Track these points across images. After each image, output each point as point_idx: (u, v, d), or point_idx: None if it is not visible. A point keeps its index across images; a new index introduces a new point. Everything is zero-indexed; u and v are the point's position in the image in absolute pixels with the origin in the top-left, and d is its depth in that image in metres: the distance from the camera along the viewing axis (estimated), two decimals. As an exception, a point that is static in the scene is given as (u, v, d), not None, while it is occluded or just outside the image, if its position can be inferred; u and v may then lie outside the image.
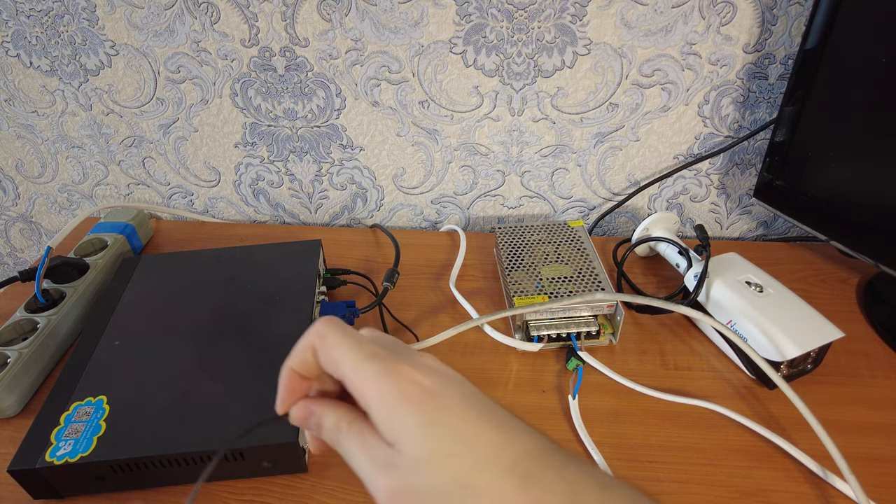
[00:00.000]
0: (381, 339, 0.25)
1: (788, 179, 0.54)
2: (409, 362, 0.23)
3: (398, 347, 0.25)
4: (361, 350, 0.23)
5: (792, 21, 0.54)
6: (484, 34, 0.57)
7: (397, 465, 0.21)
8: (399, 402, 0.22)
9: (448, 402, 0.22)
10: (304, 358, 0.24)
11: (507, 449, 0.21)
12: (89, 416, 0.40)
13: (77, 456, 0.37)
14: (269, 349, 0.44)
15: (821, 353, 0.46)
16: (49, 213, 0.78)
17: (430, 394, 0.22)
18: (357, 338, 0.24)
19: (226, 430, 0.38)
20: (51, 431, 0.39)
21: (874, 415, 0.43)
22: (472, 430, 0.21)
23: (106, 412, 0.40)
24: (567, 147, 0.64)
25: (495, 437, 0.21)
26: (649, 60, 0.57)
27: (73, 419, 0.40)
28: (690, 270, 0.52)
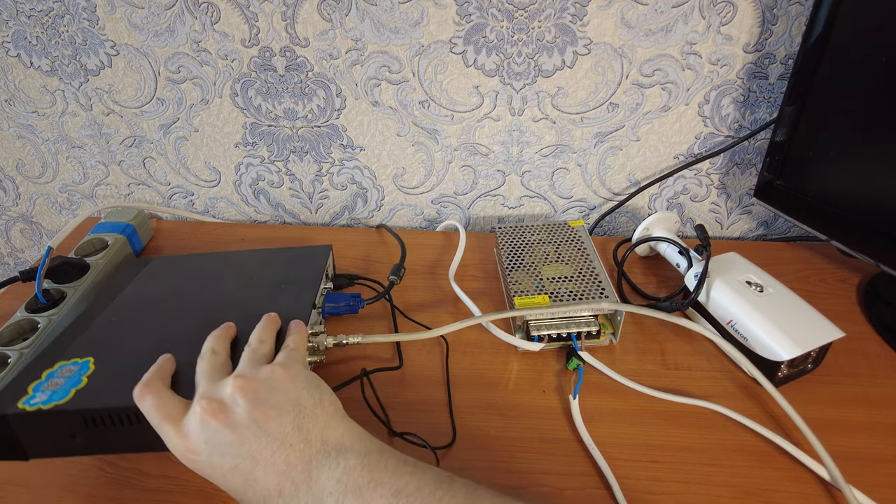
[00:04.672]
0: (211, 367, 0.35)
1: (789, 179, 0.54)
2: (185, 425, 0.32)
3: (200, 386, 0.34)
4: (158, 408, 0.33)
5: (792, 21, 0.54)
6: (484, 34, 0.57)
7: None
8: (180, 458, 0.33)
9: (203, 463, 0.32)
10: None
11: (256, 495, 0.31)
12: (72, 373, 0.38)
13: (51, 404, 0.35)
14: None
15: (821, 353, 0.46)
16: (49, 214, 0.78)
17: (192, 460, 0.32)
18: (160, 393, 0.34)
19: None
20: (29, 384, 0.37)
21: (875, 415, 0.43)
22: (230, 485, 0.32)
23: (90, 370, 0.38)
24: (567, 147, 0.64)
25: (245, 487, 0.32)
26: (649, 60, 0.57)
27: (55, 375, 0.38)
28: (691, 270, 0.52)
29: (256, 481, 0.31)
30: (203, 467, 0.32)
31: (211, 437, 0.31)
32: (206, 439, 0.31)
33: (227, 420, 0.31)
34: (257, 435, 0.31)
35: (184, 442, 0.32)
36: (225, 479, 0.31)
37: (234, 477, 0.31)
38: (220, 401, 0.32)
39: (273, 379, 0.34)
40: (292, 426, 0.32)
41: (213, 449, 0.31)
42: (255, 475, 0.31)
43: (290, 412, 0.32)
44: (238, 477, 0.31)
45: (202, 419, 0.31)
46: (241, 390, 0.32)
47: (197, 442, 0.32)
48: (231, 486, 0.32)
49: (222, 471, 0.31)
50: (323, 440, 0.32)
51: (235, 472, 0.31)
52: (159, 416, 0.33)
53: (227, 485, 0.32)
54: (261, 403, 0.32)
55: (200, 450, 0.31)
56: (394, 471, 0.30)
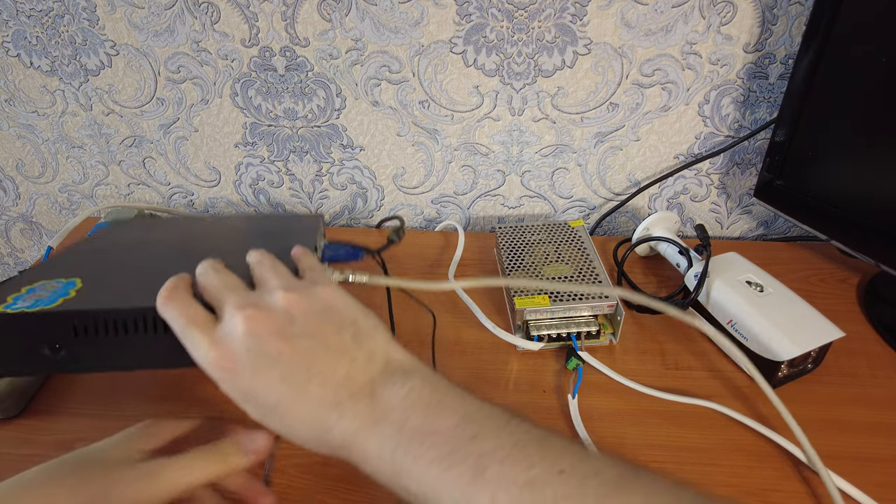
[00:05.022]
0: (227, 282, 0.31)
1: (789, 179, 0.54)
2: (219, 332, 0.28)
3: (229, 297, 0.30)
4: (185, 313, 0.29)
5: (792, 21, 0.54)
6: (484, 34, 0.57)
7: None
8: (221, 384, 0.28)
9: (252, 379, 0.28)
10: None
11: (306, 412, 0.28)
12: (57, 288, 0.34)
13: (36, 308, 0.31)
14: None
15: (821, 353, 0.46)
16: (49, 214, 0.78)
17: (237, 377, 0.28)
18: (187, 300, 0.30)
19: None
20: (9, 294, 0.33)
21: (875, 415, 0.43)
22: (277, 401, 0.28)
23: (78, 286, 0.34)
24: (567, 147, 0.64)
25: (297, 404, 0.28)
26: (649, 60, 0.57)
27: (37, 290, 0.34)
28: (691, 270, 0.52)
29: (308, 394, 0.27)
30: (238, 379, 0.27)
31: (256, 345, 0.27)
32: (250, 348, 0.27)
33: (278, 330, 0.28)
34: (315, 347, 0.28)
35: (218, 350, 0.28)
36: (267, 390, 0.27)
37: (281, 390, 0.27)
38: (269, 310, 0.29)
39: (327, 297, 0.30)
40: (353, 342, 0.29)
41: (258, 359, 0.27)
42: (308, 388, 0.27)
43: (350, 329, 0.29)
44: (287, 390, 0.27)
45: (248, 328, 0.28)
46: (296, 304, 0.29)
47: (236, 351, 0.27)
48: (272, 401, 0.27)
49: (266, 382, 0.27)
50: (386, 360, 0.29)
51: (284, 385, 0.27)
52: (187, 320, 0.29)
53: (268, 398, 0.27)
54: (318, 317, 0.29)
55: (239, 359, 0.27)
56: (461, 398, 0.28)
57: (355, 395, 0.27)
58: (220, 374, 0.28)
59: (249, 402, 0.28)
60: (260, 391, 0.27)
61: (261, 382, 0.27)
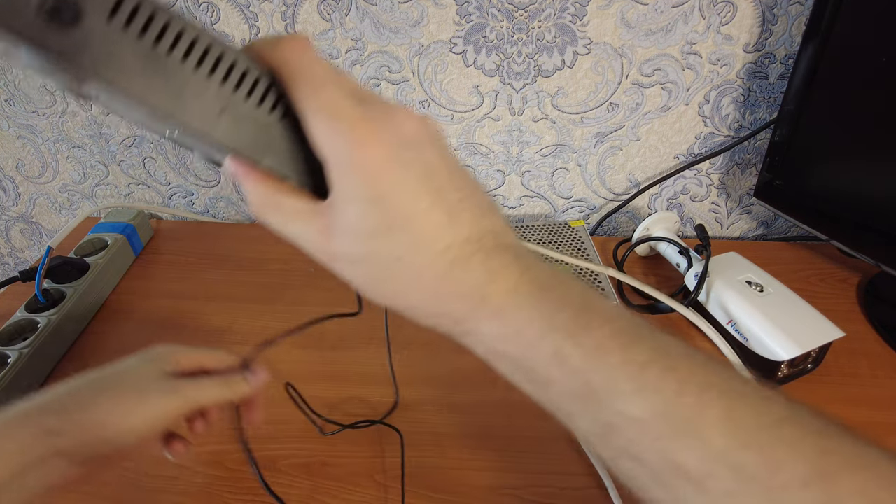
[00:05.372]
0: (352, 84, 0.22)
1: (789, 179, 0.54)
2: (377, 125, 0.21)
3: (371, 100, 0.22)
4: (331, 95, 0.21)
5: (792, 21, 0.54)
6: (484, 34, 0.57)
7: (335, 230, 0.22)
8: (353, 171, 0.21)
9: (402, 177, 0.21)
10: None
11: (444, 235, 0.22)
12: None
13: None
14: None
15: (821, 353, 0.46)
16: (49, 213, 0.78)
17: (383, 166, 0.21)
18: (332, 76, 0.21)
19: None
20: None
21: (875, 414, 0.43)
22: (419, 211, 0.21)
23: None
24: (567, 147, 0.64)
25: (439, 219, 0.22)
26: (649, 60, 0.57)
27: None
28: (691, 270, 0.52)
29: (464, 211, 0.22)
30: (397, 168, 0.21)
31: (424, 139, 0.22)
32: (415, 141, 0.21)
33: (436, 139, 0.22)
34: (465, 174, 0.23)
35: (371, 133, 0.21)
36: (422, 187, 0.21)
37: (439, 205, 0.21)
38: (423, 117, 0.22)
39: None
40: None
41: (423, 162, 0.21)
42: (460, 217, 0.22)
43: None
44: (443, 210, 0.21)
45: (420, 124, 0.22)
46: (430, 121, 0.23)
47: (400, 137, 0.21)
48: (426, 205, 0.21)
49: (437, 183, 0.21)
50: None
51: (460, 201, 0.22)
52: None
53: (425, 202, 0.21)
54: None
55: (394, 148, 0.21)
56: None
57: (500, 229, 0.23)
58: (366, 153, 0.21)
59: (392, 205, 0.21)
60: (409, 189, 0.21)
61: (430, 186, 0.22)
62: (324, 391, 0.46)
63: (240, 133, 0.21)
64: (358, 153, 0.20)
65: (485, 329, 0.23)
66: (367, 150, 0.20)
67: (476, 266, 0.22)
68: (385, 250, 0.21)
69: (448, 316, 0.23)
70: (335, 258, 0.22)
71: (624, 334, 0.21)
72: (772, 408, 0.20)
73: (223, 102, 0.20)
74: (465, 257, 0.22)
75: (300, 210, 0.22)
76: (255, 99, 0.21)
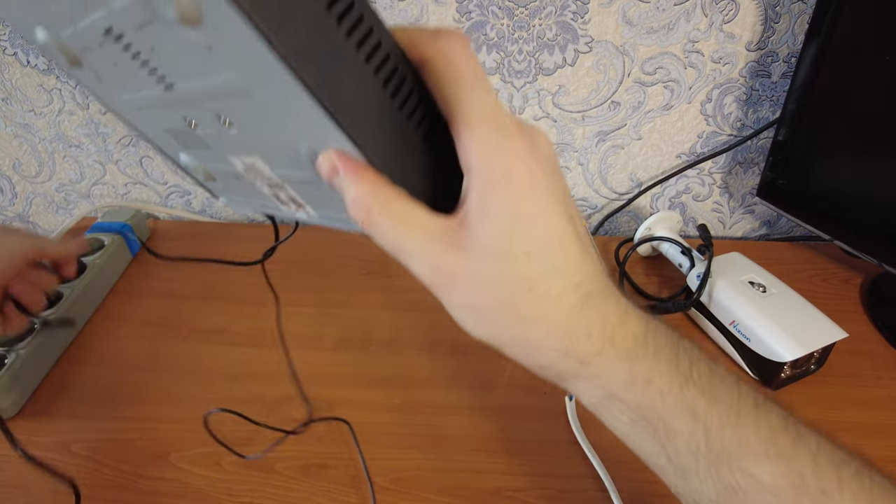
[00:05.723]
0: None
1: (792, 179, 0.53)
2: (527, 140, 0.20)
3: (513, 116, 0.21)
4: (492, 107, 0.19)
5: (795, 19, 0.53)
6: (484, 31, 0.56)
7: (465, 246, 0.19)
8: (502, 183, 0.19)
9: (548, 200, 0.20)
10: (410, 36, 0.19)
11: (580, 267, 0.20)
12: None
13: None
14: None
15: (824, 354, 0.46)
16: (46, 213, 0.78)
17: (535, 186, 0.19)
18: (489, 85, 0.19)
19: None
20: None
21: (878, 416, 0.43)
22: (557, 237, 0.20)
23: None
24: (568, 146, 0.63)
25: (573, 249, 0.20)
26: (651, 58, 0.56)
27: None
28: (693, 270, 0.51)
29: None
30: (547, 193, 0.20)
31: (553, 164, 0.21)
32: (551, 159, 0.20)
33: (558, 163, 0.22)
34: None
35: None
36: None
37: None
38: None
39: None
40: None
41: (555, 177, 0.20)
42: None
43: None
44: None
45: (553, 146, 0.21)
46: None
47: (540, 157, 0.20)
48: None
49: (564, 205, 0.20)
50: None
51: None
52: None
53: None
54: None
55: (541, 171, 0.20)
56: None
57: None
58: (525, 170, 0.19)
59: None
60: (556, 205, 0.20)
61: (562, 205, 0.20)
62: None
63: (366, 123, 0.18)
64: (515, 167, 0.19)
65: (609, 373, 0.21)
66: (523, 165, 0.19)
67: (608, 305, 0.21)
68: (519, 275, 0.20)
69: (572, 355, 0.21)
70: (455, 280, 0.20)
71: (751, 397, 0.21)
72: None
73: (365, 86, 0.17)
74: (599, 293, 0.21)
75: (425, 222, 0.20)
76: (392, 91, 0.18)
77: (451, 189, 0.21)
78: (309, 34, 0.15)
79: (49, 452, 0.43)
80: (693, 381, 0.21)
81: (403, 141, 0.20)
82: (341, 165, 0.19)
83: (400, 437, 0.43)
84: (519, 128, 0.20)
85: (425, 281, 0.21)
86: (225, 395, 0.46)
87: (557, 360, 0.21)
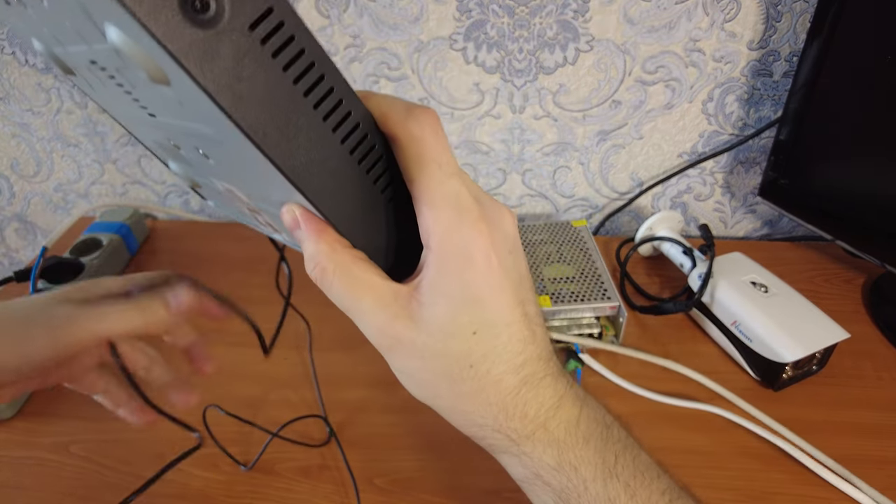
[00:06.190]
0: (465, 174, 0.21)
1: (794, 178, 0.53)
2: (487, 223, 0.20)
3: (482, 197, 0.21)
4: (455, 191, 0.19)
5: (797, 18, 0.53)
6: (485, 30, 0.56)
7: (414, 317, 0.20)
8: (459, 264, 0.20)
9: (501, 283, 0.20)
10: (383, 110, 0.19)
11: (524, 350, 0.21)
12: None
13: None
14: None
15: (826, 355, 0.45)
16: (44, 213, 0.77)
17: (490, 270, 0.20)
18: (456, 164, 0.20)
19: None
20: None
21: (881, 416, 0.43)
22: (505, 320, 0.21)
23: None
24: (569, 145, 0.63)
25: (522, 333, 0.21)
26: (653, 57, 0.56)
27: None
28: (695, 270, 0.51)
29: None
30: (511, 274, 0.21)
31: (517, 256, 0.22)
32: (512, 250, 0.21)
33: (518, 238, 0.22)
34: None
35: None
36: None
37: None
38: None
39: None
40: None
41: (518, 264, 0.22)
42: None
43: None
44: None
45: (516, 223, 0.22)
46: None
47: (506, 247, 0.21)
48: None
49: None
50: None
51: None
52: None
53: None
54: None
55: (504, 259, 0.21)
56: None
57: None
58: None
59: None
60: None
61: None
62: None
63: (330, 190, 0.19)
64: (472, 251, 0.20)
65: (539, 455, 0.22)
66: (480, 250, 0.20)
67: (545, 389, 0.22)
68: (462, 353, 0.20)
69: (504, 433, 0.22)
70: (399, 346, 0.21)
71: (667, 494, 0.23)
72: None
73: (329, 153, 0.18)
74: (539, 377, 0.22)
75: (377, 287, 0.20)
76: (359, 158, 0.19)
77: (410, 255, 0.21)
78: (274, 108, 0.16)
79: (48, 453, 0.43)
80: (616, 474, 0.22)
81: (368, 203, 0.20)
82: (302, 223, 0.20)
83: (399, 438, 0.43)
84: (480, 210, 0.20)
85: (371, 341, 0.21)
86: (225, 396, 0.46)
87: (489, 434, 0.22)
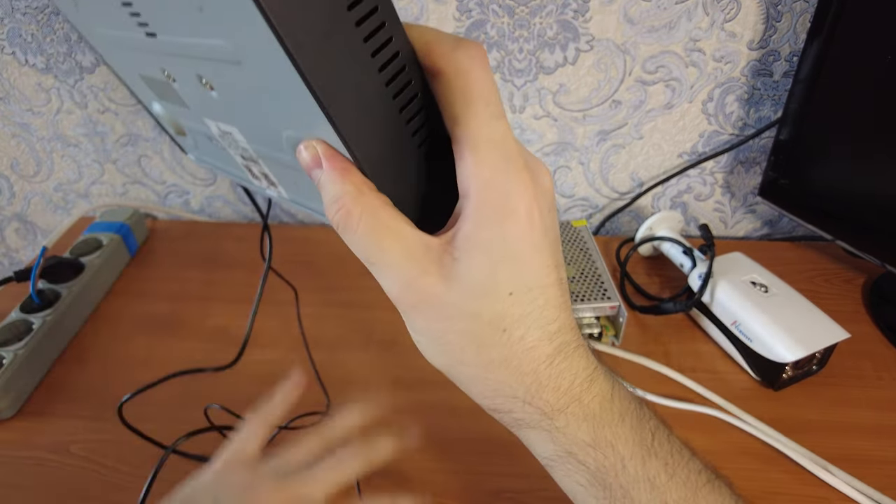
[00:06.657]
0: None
1: (794, 178, 0.53)
2: (530, 174, 0.18)
3: (520, 144, 0.19)
4: (501, 134, 0.18)
5: (797, 17, 0.53)
6: (485, 30, 0.56)
7: (446, 273, 0.18)
8: (501, 218, 0.18)
9: (542, 243, 0.19)
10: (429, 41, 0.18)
11: (559, 316, 0.20)
12: None
13: None
14: None
15: (826, 355, 0.45)
16: (44, 213, 0.77)
17: (532, 227, 0.18)
18: (502, 110, 0.18)
19: None
20: None
21: (881, 416, 0.43)
22: (543, 282, 0.19)
23: None
24: (569, 145, 0.63)
25: (558, 299, 0.20)
26: (653, 57, 0.56)
27: None
28: (695, 270, 0.51)
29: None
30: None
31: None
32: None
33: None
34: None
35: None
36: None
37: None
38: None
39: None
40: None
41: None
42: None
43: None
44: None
45: (551, 179, 0.21)
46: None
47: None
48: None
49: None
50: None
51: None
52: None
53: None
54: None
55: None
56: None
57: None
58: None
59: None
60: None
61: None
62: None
63: (361, 121, 0.16)
64: (517, 204, 0.18)
65: (573, 431, 0.21)
66: (524, 203, 0.18)
67: (579, 360, 0.20)
68: (496, 315, 0.19)
69: (535, 406, 0.20)
70: (425, 303, 0.19)
71: (704, 474, 0.22)
72: None
73: (364, 79, 0.16)
74: (572, 347, 0.20)
75: (407, 237, 0.18)
76: (394, 92, 0.17)
77: (440, 208, 0.19)
78: (314, 15, 0.14)
79: (47, 453, 0.43)
80: (655, 452, 0.21)
81: (398, 148, 0.18)
82: (326, 161, 0.17)
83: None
84: (524, 160, 0.18)
85: (392, 297, 0.19)
86: (225, 396, 0.46)
87: (517, 407, 0.21)
